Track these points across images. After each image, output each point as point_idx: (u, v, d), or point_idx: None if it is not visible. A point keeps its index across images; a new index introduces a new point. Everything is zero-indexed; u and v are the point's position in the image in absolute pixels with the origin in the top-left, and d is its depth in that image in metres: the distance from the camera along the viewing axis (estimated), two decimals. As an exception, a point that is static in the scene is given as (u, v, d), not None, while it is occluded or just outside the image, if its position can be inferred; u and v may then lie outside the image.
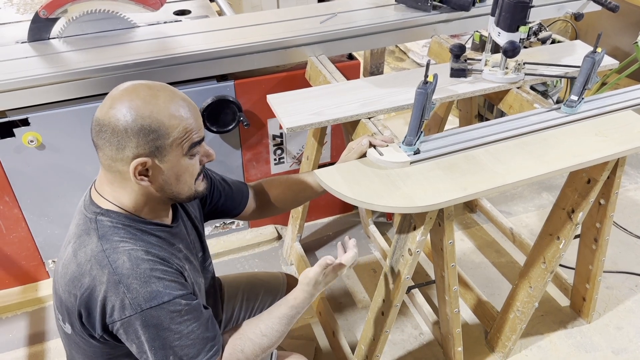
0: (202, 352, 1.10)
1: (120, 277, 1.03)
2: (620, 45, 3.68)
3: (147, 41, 1.99)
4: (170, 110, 1.03)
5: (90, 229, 1.09)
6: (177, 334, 1.07)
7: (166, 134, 1.03)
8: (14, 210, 2.03)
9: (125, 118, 1.01)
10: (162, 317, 1.05)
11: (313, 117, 1.59)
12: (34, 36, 1.99)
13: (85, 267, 1.06)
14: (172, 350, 1.08)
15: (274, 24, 2.10)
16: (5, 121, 1.81)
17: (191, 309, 1.09)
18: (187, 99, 1.09)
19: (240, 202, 1.48)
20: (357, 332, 2.11)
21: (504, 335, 1.95)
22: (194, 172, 1.12)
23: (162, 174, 1.07)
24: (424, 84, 1.32)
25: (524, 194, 2.85)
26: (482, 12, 2.19)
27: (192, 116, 1.07)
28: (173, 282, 1.08)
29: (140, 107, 1.01)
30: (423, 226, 1.40)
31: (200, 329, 1.10)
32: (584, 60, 1.53)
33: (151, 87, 1.05)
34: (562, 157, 1.42)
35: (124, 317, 1.04)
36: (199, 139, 1.09)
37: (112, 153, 1.04)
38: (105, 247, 1.06)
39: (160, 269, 1.07)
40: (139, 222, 1.12)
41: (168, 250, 1.14)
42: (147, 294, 1.04)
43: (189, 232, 1.29)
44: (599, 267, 1.94)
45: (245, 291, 1.64)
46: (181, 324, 1.07)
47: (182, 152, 1.07)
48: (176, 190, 1.11)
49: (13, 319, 2.18)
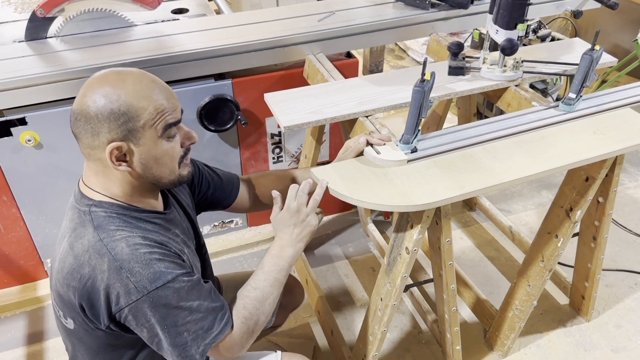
0: (216, 322, 1.11)
1: (121, 262, 1.03)
2: (620, 43, 3.67)
3: (145, 40, 1.98)
4: (139, 92, 1.04)
5: (85, 221, 1.09)
6: (187, 309, 1.08)
7: (136, 116, 1.03)
8: (12, 210, 2.02)
9: (95, 104, 1.02)
10: (169, 296, 1.05)
11: (311, 116, 1.58)
12: (31, 35, 1.98)
13: (83, 258, 1.06)
14: (185, 326, 1.08)
15: (272, 22, 2.10)
16: (2, 120, 1.81)
17: (194, 284, 1.10)
18: (157, 81, 1.09)
19: (230, 192, 1.48)
20: (355, 330, 2.11)
21: (502, 333, 1.95)
22: (175, 155, 1.12)
23: (140, 158, 1.08)
24: (421, 82, 1.32)
25: (523, 192, 2.84)
26: (480, 10, 2.18)
27: (164, 97, 1.07)
28: (172, 262, 1.08)
29: (108, 92, 1.03)
30: (420, 224, 1.40)
31: (207, 301, 1.11)
32: (582, 57, 1.52)
33: (120, 72, 1.07)
34: (560, 155, 1.42)
35: (131, 302, 1.03)
36: (174, 121, 1.09)
37: (88, 141, 1.06)
38: (102, 237, 1.06)
39: (159, 252, 1.08)
40: (132, 210, 1.12)
41: (165, 235, 1.14)
42: (150, 275, 1.04)
43: (182, 220, 1.29)
44: (598, 265, 1.93)
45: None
46: (188, 300, 1.08)
47: (157, 134, 1.07)
48: (157, 174, 1.11)
49: (11, 319, 2.18)
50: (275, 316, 1.70)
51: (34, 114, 1.84)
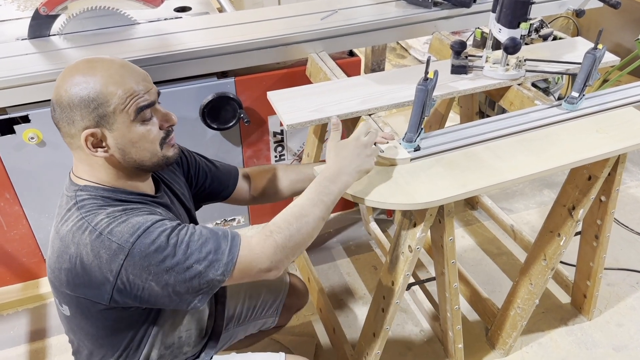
0: (222, 241, 1.07)
1: (100, 230, 1.03)
2: (622, 42, 3.67)
3: (148, 38, 1.98)
4: (108, 78, 1.04)
5: (71, 204, 1.09)
6: (182, 243, 1.04)
7: (106, 102, 1.04)
8: (15, 207, 2.03)
9: (67, 93, 1.04)
10: (156, 239, 1.02)
11: (313, 114, 1.59)
12: (34, 33, 1.98)
13: (67, 238, 1.06)
14: (191, 258, 1.04)
15: (275, 21, 2.10)
16: (5, 118, 1.81)
17: (178, 224, 1.07)
18: (127, 65, 1.09)
19: (228, 183, 1.47)
20: (357, 328, 2.11)
21: (504, 332, 1.95)
22: (153, 138, 1.11)
23: (116, 143, 1.07)
24: (425, 81, 1.32)
25: (525, 190, 2.84)
26: (483, 9, 2.18)
27: (134, 81, 1.06)
28: (151, 214, 1.07)
29: (79, 81, 1.04)
30: (423, 223, 1.40)
31: (199, 230, 1.08)
32: (585, 56, 1.52)
33: (90, 60, 1.08)
34: (563, 154, 1.42)
35: (121, 262, 1.01)
36: (146, 103, 1.08)
37: (66, 130, 1.07)
38: (84, 215, 1.06)
39: (137, 211, 1.07)
40: (118, 192, 1.12)
41: (151, 211, 1.11)
42: (130, 229, 1.02)
43: (177, 208, 1.28)
44: (600, 264, 1.94)
45: (248, 289, 1.64)
46: (179, 235, 1.05)
47: (130, 118, 1.06)
48: (137, 157, 1.10)
49: (14, 316, 2.18)
50: (278, 316, 1.71)
51: (37, 111, 1.84)
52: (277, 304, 1.68)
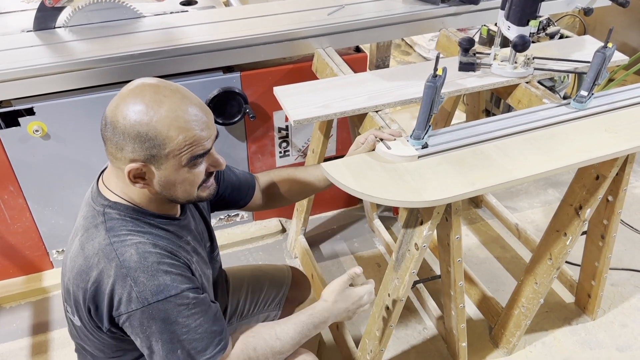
0: (210, 346, 1.10)
1: (127, 270, 1.03)
2: (629, 41, 3.66)
3: (153, 31, 1.97)
4: (172, 120, 1.00)
5: (98, 221, 1.08)
6: (185, 327, 1.06)
7: (162, 144, 1.01)
8: (19, 200, 2.02)
9: (124, 121, 1.00)
10: (170, 310, 1.04)
11: (320, 110, 1.58)
12: (40, 25, 1.97)
13: (92, 260, 1.06)
14: (180, 344, 1.07)
15: (281, 16, 2.09)
16: (10, 110, 1.81)
17: (199, 303, 1.08)
18: (197, 106, 1.04)
19: (247, 193, 1.47)
20: (361, 326, 2.11)
21: (508, 331, 1.94)
22: (195, 181, 1.10)
23: (159, 180, 1.06)
24: (433, 77, 1.31)
25: (529, 189, 2.83)
26: (490, 6, 2.17)
27: (199, 127, 1.03)
28: (180, 275, 1.07)
29: (140, 113, 0.99)
30: (430, 221, 1.39)
31: (208, 323, 1.10)
32: (595, 55, 1.51)
33: (159, 90, 1.02)
34: (571, 153, 1.41)
35: (130, 310, 1.03)
36: (203, 152, 1.05)
37: (112, 150, 1.04)
38: (112, 240, 1.05)
39: (168, 262, 1.07)
40: (146, 215, 1.11)
41: (176, 243, 1.13)
42: (154, 287, 1.03)
43: (197, 223, 1.28)
44: (605, 264, 1.93)
45: (250, 283, 1.64)
46: (189, 318, 1.07)
47: (181, 163, 1.04)
48: (174, 195, 1.10)
49: (17, 309, 2.18)
50: (281, 310, 1.70)
51: (42, 104, 1.83)
52: (279, 298, 1.68)
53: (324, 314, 1.23)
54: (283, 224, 2.56)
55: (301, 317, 1.22)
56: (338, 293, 1.24)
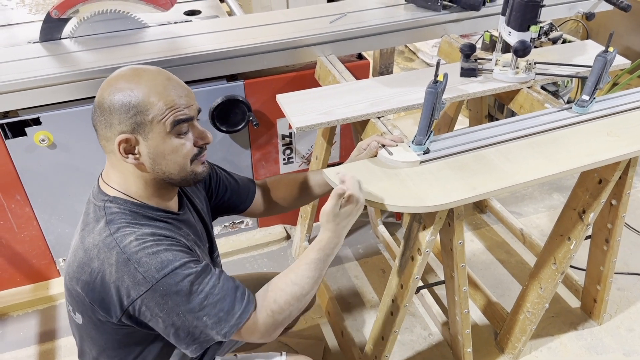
0: (237, 303, 1.09)
1: (128, 255, 1.04)
2: (632, 46, 3.65)
3: (158, 41, 2.00)
4: (151, 87, 1.06)
5: (99, 216, 1.10)
6: (202, 292, 1.06)
7: (145, 110, 1.05)
8: (26, 209, 2.04)
9: (109, 97, 1.06)
10: (180, 282, 1.05)
11: (322, 117, 1.59)
12: (46, 36, 2.00)
13: (93, 252, 1.07)
14: (204, 311, 1.07)
15: (284, 24, 2.11)
16: (17, 120, 1.83)
17: (205, 269, 1.09)
18: (173, 78, 1.10)
19: (246, 197, 1.48)
20: (365, 332, 2.11)
21: (513, 336, 1.94)
22: (186, 153, 1.11)
23: (149, 152, 1.08)
24: (434, 83, 1.32)
25: (534, 194, 2.83)
26: (492, 12, 2.18)
27: (176, 94, 1.08)
28: (180, 251, 1.08)
29: (123, 86, 1.06)
30: (433, 226, 1.40)
31: (222, 282, 1.10)
32: (596, 59, 1.52)
33: (137, 69, 1.09)
34: (574, 157, 1.41)
35: (141, 293, 1.04)
36: (185, 117, 1.08)
37: (103, 132, 1.09)
38: (112, 231, 1.07)
39: (167, 243, 1.08)
40: (146, 208, 1.13)
41: (177, 233, 1.14)
42: (158, 264, 1.04)
43: (196, 223, 1.30)
44: (610, 269, 1.92)
45: (255, 291, 1.64)
46: (201, 284, 1.07)
47: (166, 129, 1.07)
48: (166, 169, 1.11)
49: (24, 317, 2.19)
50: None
51: (48, 114, 1.85)
52: None
53: (333, 240, 1.20)
54: (288, 231, 2.56)
55: (311, 255, 1.19)
56: (335, 215, 1.20)
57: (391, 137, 1.45)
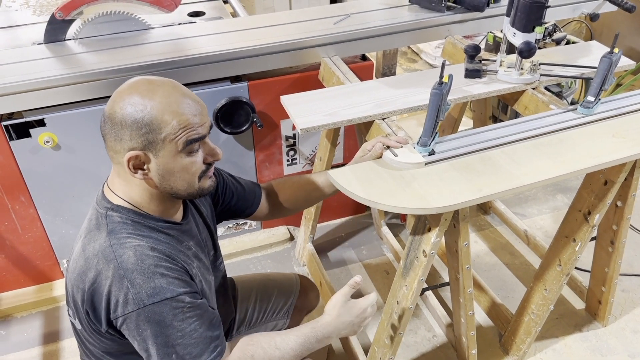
0: (206, 352, 1.09)
1: (124, 271, 1.04)
2: (636, 46, 3.64)
3: (162, 42, 2.00)
4: (166, 105, 1.04)
5: (101, 224, 1.10)
6: (180, 331, 1.06)
7: (158, 129, 1.03)
8: (30, 210, 2.04)
9: (122, 111, 1.03)
10: (165, 313, 1.05)
11: (327, 118, 1.59)
12: (50, 38, 2.00)
13: (92, 262, 1.07)
14: (174, 348, 1.07)
15: (288, 25, 2.11)
16: (21, 122, 1.83)
17: (195, 307, 1.08)
18: (188, 95, 1.08)
19: (252, 202, 1.48)
20: (370, 334, 2.10)
21: (518, 338, 1.93)
22: (194, 170, 1.11)
23: (158, 169, 1.08)
24: (439, 85, 1.32)
25: (538, 195, 2.82)
26: (496, 13, 2.17)
27: (191, 112, 1.06)
28: (177, 279, 1.08)
29: (136, 102, 1.03)
30: (438, 228, 1.39)
31: (203, 328, 1.09)
32: (601, 60, 1.51)
33: (151, 82, 1.07)
34: (579, 158, 1.41)
35: (126, 312, 1.04)
36: (197, 137, 1.07)
37: (112, 144, 1.07)
38: (112, 242, 1.07)
39: (165, 266, 1.07)
40: (148, 218, 1.13)
41: (176, 248, 1.14)
42: (150, 290, 1.04)
43: (201, 230, 1.29)
44: (616, 270, 1.91)
45: (259, 292, 1.64)
46: (184, 322, 1.07)
47: (177, 148, 1.06)
48: (174, 186, 1.11)
49: (28, 318, 2.19)
50: (290, 319, 1.71)
51: (53, 115, 1.86)
52: (288, 306, 1.68)
53: (328, 328, 1.21)
54: (291, 232, 2.56)
55: (303, 329, 1.21)
56: (341, 306, 1.23)
57: (396, 139, 1.45)
